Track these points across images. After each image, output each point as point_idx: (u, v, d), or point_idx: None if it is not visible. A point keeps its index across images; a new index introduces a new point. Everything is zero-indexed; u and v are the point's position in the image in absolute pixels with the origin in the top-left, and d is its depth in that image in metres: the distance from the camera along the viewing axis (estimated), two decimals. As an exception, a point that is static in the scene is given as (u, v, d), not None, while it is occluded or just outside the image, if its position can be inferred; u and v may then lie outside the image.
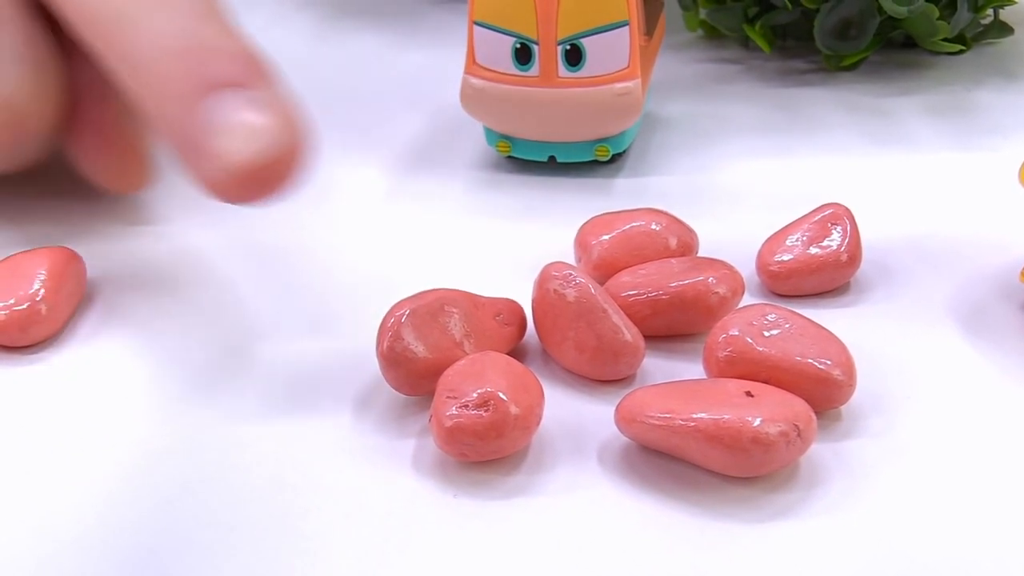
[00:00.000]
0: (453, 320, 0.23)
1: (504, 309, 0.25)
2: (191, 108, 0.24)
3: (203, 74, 0.24)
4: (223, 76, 0.24)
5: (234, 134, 0.23)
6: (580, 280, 0.24)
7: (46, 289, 0.25)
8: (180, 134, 0.24)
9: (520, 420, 0.21)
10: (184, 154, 0.24)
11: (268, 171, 0.23)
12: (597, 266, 0.26)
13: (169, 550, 0.20)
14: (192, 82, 0.24)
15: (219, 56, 0.25)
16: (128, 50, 0.26)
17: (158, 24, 0.26)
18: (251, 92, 0.24)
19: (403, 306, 0.23)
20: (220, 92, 0.24)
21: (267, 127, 0.24)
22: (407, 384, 0.23)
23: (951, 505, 0.21)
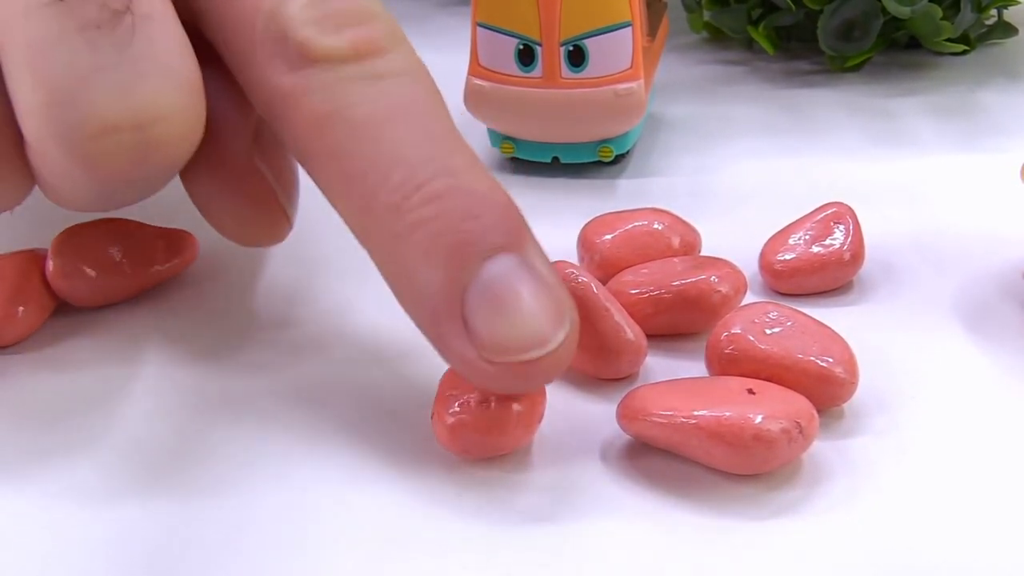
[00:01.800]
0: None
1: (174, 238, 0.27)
2: (455, 274, 0.20)
3: (469, 233, 0.20)
4: (492, 238, 0.20)
5: (512, 316, 0.20)
6: (583, 279, 0.24)
7: (23, 291, 0.26)
8: (435, 299, 0.20)
9: (522, 417, 0.21)
10: (435, 320, 0.20)
11: (539, 368, 0.20)
12: (600, 265, 0.26)
13: (173, 550, 0.20)
14: (455, 240, 0.20)
15: (487, 207, 0.20)
16: (354, 168, 0.21)
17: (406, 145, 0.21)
18: (523, 260, 0.20)
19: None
20: (491, 260, 0.20)
21: (548, 309, 0.20)
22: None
23: (954, 503, 0.21)
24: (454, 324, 0.20)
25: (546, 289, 0.20)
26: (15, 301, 0.26)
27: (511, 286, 0.20)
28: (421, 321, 0.21)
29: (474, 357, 0.20)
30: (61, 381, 0.25)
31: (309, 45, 0.22)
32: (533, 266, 0.20)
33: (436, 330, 0.21)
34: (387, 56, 0.22)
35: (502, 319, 0.20)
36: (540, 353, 0.20)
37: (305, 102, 0.22)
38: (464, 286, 0.20)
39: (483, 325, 0.20)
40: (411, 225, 0.20)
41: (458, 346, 0.20)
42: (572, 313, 0.21)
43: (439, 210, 0.20)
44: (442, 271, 0.20)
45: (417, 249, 0.20)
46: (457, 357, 0.20)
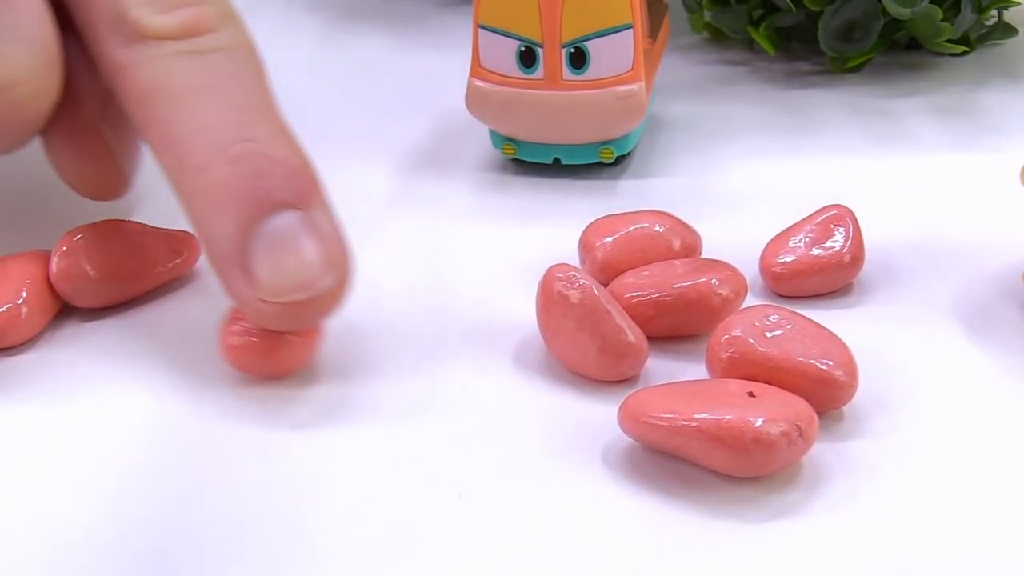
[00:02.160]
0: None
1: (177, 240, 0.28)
2: (242, 225, 0.23)
3: (260, 189, 0.23)
4: (279, 195, 0.23)
5: (283, 269, 0.22)
6: (584, 281, 0.24)
7: (28, 292, 0.26)
8: (224, 245, 0.23)
9: (296, 344, 0.24)
10: (224, 265, 0.23)
11: (308, 309, 0.23)
12: (601, 268, 0.26)
13: (175, 550, 0.20)
14: (247, 196, 0.23)
15: (276, 168, 0.23)
16: (175, 135, 0.24)
17: (213, 114, 0.24)
18: (305, 215, 0.23)
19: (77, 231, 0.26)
20: (274, 215, 0.23)
21: (320, 261, 0.23)
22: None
23: (954, 505, 0.21)
24: (237, 268, 0.23)
25: (321, 242, 0.23)
26: (19, 303, 0.26)
27: (288, 237, 0.23)
28: (214, 266, 0.24)
29: (251, 297, 0.23)
30: (65, 382, 0.25)
31: (141, 23, 0.24)
32: (313, 221, 0.23)
33: (224, 274, 0.23)
34: (213, 34, 0.25)
35: (275, 265, 0.23)
36: (305, 296, 0.23)
37: (134, 74, 0.24)
38: (248, 236, 0.23)
39: (259, 269, 0.23)
40: (211, 184, 0.23)
41: (239, 288, 0.23)
42: (342, 265, 0.23)
43: (235, 171, 0.23)
44: (231, 222, 0.23)
45: (215, 204, 0.23)
46: (238, 297, 0.23)
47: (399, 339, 0.26)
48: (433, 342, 0.26)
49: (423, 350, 0.26)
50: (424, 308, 0.27)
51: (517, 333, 0.26)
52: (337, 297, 0.23)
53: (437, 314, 0.27)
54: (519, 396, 0.24)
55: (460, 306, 0.27)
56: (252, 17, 0.27)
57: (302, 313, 0.23)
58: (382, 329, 0.26)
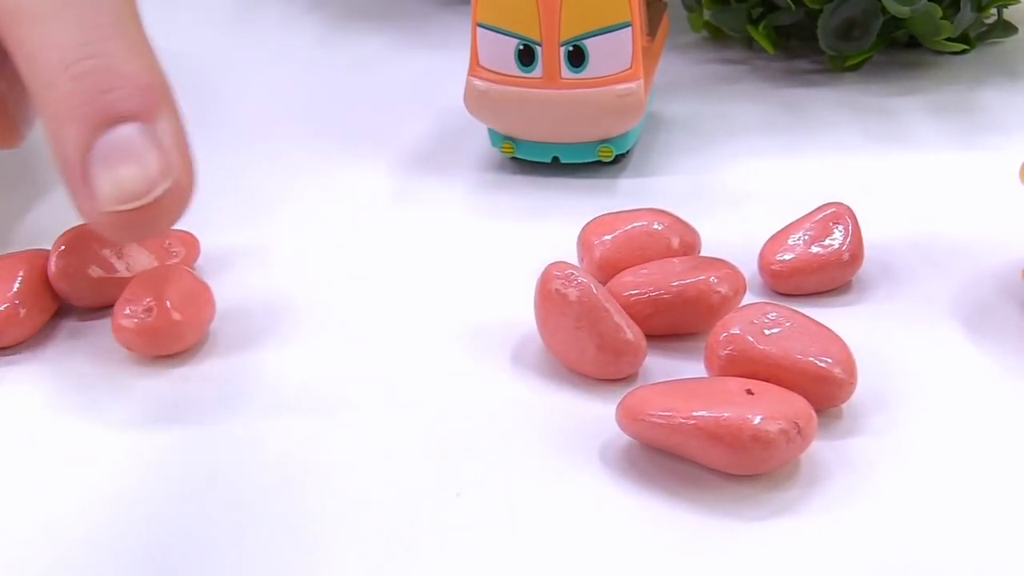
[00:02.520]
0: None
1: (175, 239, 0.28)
2: (82, 138, 0.23)
3: (100, 103, 0.23)
4: (121, 108, 0.23)
5: (119, 179, 0.23)
6: (582, 280, 0.24)
7: (26, 291, 0.26)
8: (67, 159, 0.23)
9: (181, 325, 0.25)
10: (68, 179, 0.24)
11: (146, 217, 0.23)
12: (600, 266, 0.26)
13: (173, 549, 0.20)
14: (88, 110, 0.23)
15: (120, 82, 0.24)
16: (31, 53, 0.24)
17: (63, 32, 0.24)
18: (146, 127, 0.23)
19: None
20: (114, 127, 0.23)
21: (155, 170, 0.23)
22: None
23: (952, 503, 0.21)
24: (78, 180, 0.23)
25: (157, 152, 0.23)
26: (17, 302, 0.26)
27: (125, 149, 0.23)
28: (63, 178, 0.24)
29: (91, 208, 0.23)
30: (62, 381, 0.25)
31: None
32: (153, 133, 0.23)
33: (68, 187, 0.24)
34: None
35: (109, 174, 0.23)
36: (136, 204, 0.23)
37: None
38: (88, 148, 0.23)
39: (96, 180, 0.23)
40: (56, 99, 0.24)
41: (81, 200, 0.23)
42: (179, 176, 0.23)
43: (77, 86, 0.23)
44: (73, 136, 0.23)
45: (60, 118, 0.24)
46: (81, 209, 0.24)
47: (398, 336, 0.26)
48: (432, 340, 0.26)
49: (422, 348, 0.26)
50: (423, 306, 0.27)
51: (516, 331, 0.26)
52: (175, 206, 0.23)
53: (436, 312, 0.27)
54: (517, 394, 0.24)
55: (459, 304, 0.27)
56: (252, 17, 0.27)
57: (139, 221, 0.23)
58: (381, 326, 0.26)
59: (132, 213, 0.23)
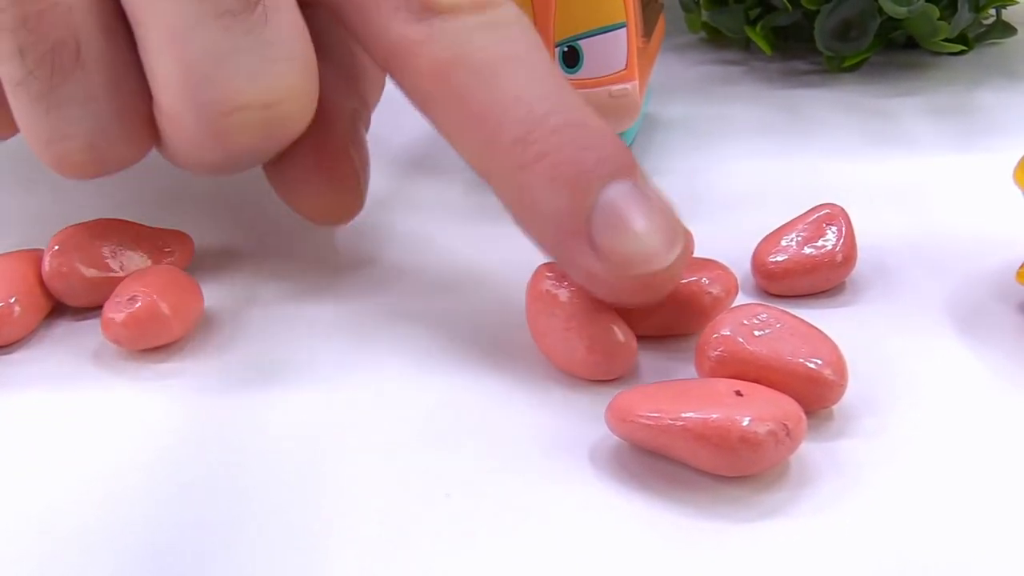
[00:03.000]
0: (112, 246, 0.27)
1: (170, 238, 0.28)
2: (579, 199, 0.22)
3: (588, 161, 0.22)
4: (608, 166, 0.22)
5: (633, 234, 0.22)
6: (573, 280, 0.24)
7: (20, 291, 0.26)
8: (563, 221, 0.22)
9: (168, 316, 0.25)
10: (564, 242, 0.23)
11: (662, 280, 0.23)
12: None
13: (169, 548, 0.20)
14: (578, 169, 0.22)
15: (597, 139, 0.23)
16: (490, 114, 0.23)
17: (526, 85, 0.23)
18: (635, 184, 0.22)
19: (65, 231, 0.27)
20: (608, 185, 0.22)
21: (662, 228, 0.22)
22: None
23: (942, 505, 0.21)
24: (581, 242, 0.22)
25: (660, 212, 0.22)
26: (12, 301, 0.26)
27: (631, 208, 0.22)
28: (547, 242, 0.23)
29: (600, 271, 0.22)
30: (57, 381, 0.25)
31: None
32: (646, 191, 0.23)
33: (563, 249, 0.23)
34: (501, 8, 0.24)
35: (625, 237, 0.22)
36: (658, 267, 0.22)
37: (429, 49, 0.24)
38: (588, 208, 0.22)
39: (608, 243, 0.22)
40: (535, 156, 0.23)
41: (585, 262, 0.22)
42: (684, 234, 0.23)
43: (560, 142, 0.23)
44: (567, 196, 0.22)
45: (542, 177, 0.23)
46: (584, 272, 0.23)
47: (391, 337, 0.26)
48: (424, 341, 0.26)
49: (415, 348, 0.26)
50: (417, 306, 0.27)
51: (509, 332, 0.26)
52: (681, 269, 0.23)
53: (429, 313, 0.27)
54: (508, 395, 0.24)
55: (453, 305, 0.27)
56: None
57: (653, 286, 0.23)
58: (373, 327, 0.26)
59: (643, 279, 0.22)
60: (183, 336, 0.25)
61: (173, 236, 0.28)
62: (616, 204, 0.22)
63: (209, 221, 0.30)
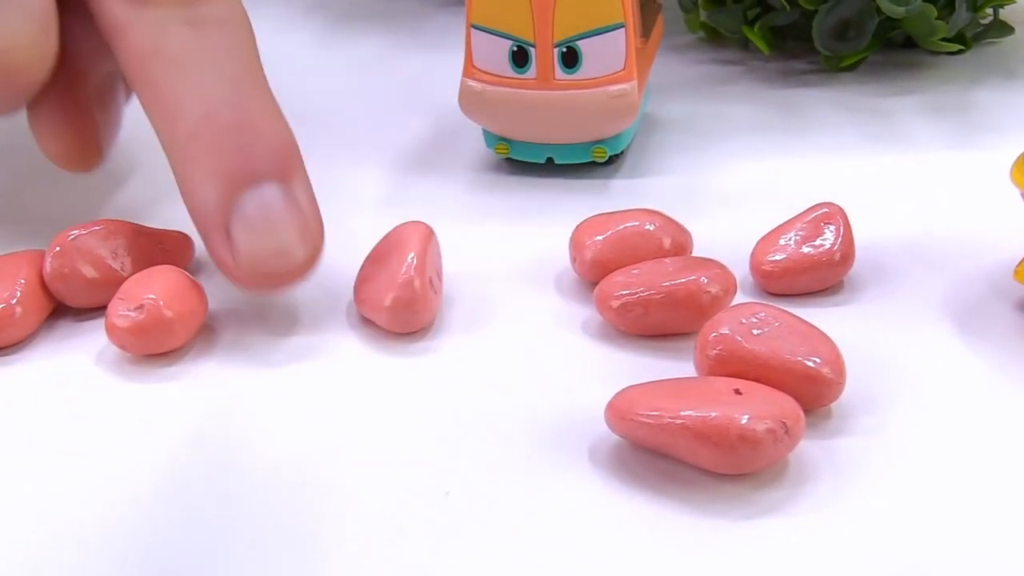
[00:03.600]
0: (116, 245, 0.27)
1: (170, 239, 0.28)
2: (227, 194, 0.24)
3: (245, 160, 0.24)
4: (263, 167, 0.24)
5: (265, 235, 0.24)
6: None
7: (22, 292, 0.26)
8: (208, 213, 0.24)
9: (173, 322, 0.25)
10: (208, 232, 0.25)
11: (284, 277, 0.25)
12: (591, 266, 0.27)
13: (165, 546, 0.21)
14: (233, 166, 0.24)
15: (263, 141, 0.25)
16: (172, 99, 0.25)
17: (208, 83, 0.25)
18: (286, 189, 0.24)
19: (70, 231, 0.27)
20: (256, 186, 0.24)
21: (296, 234, 0.24)
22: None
23: (941, 503, 0.21)
24: (220, 236, 0.24)
25: (298, 216, 0.25)
26: (14, 302, 0.26)
27: (269, 209, 0.24)
28: (197, 228, 0.25)
29: (232, 264, 0.24)
30: (58, 382, 0.25)
31: None
32: (292, 196, 0.25)
33: (207, 239, 0.25)
34: (211, 4, 0.26)
35: (256, 235, 0.24)
36: (283, 266, 0.24)
37: (132, 35, 0.25)
38: (231, 205, 0.24)
39: (241, 239, 0.24)
40: (200, 150, 0.25)
41: (221, 254, 0.25)
42: (316, 239, 0.25)
43: (223, 142, 0.24)
44: (217, 191, 0.24)
45: (202, 170, 0.25)
46: (220, 263, 0.25)
47: (387, 335, 0.26)
48: (421, 341, 0.26)
49: (411, 347, 0.26)
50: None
51: (506, 330, 0.26)
52: (308, 268, 0.25)
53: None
54: (506, 393, 0.24)
55: (451, 303, 0.27)
56: (250, 18, 0.27)
57: (275, 280, 0.25)
58: (371, 325, 0.26)
59: (269, 272, 0.24)
60: (187, 342, 0.26)
61: (173, 237, 0.28)
62: (256, 205, 0.24)
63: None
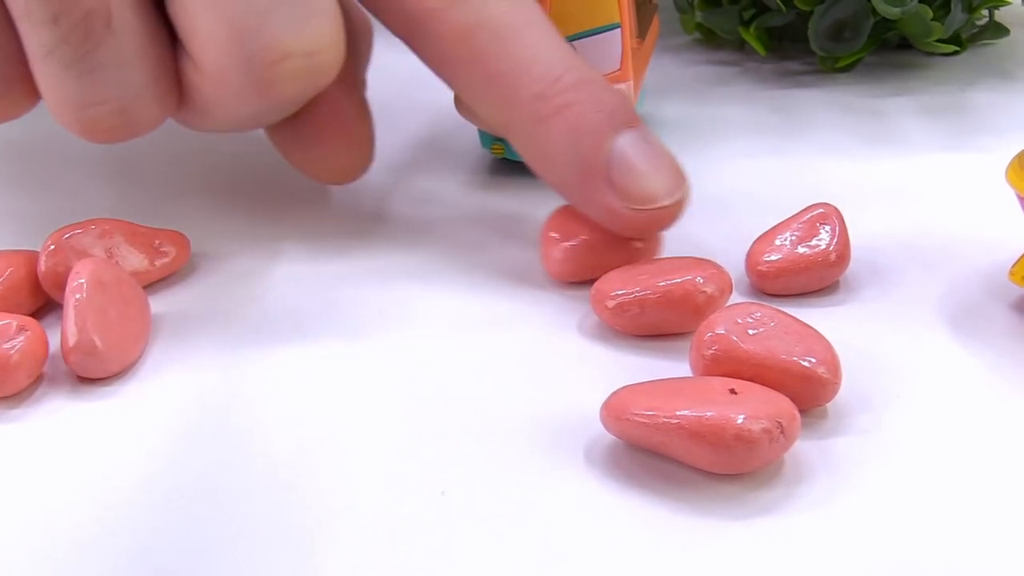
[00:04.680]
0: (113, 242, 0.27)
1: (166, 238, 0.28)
2: (602, 143, 0.25)
3: (603, 111, 0.25)
4: (620, 116, 0.25)
5: (651, 173, 0.25)
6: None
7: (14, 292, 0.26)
8: (586, 163, 0.25)
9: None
10: (587, 181, 0.25)
11: (667, 216, 0.26)
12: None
13: (161, 544, 0.21)
14: (595, 118, 0.25)
15: (608, 92, 0.26)
16: (511, 71, 0.26)
17: (541, 47, 0.26)
18: (642, 132, 0.26)
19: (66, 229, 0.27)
20: (624, 132, 0.25)
21: (674, 170, 0.26)
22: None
23: (936, 503, 0.21)
24: (601, 184, 0.25)
25: (665, 157, 0.26)
26: (7, 302, 0.26)
27: (642, 153, 0.25)
28: (569, 185, 0.26)
29: (620, 207, 0.25)
30: (53, 381, 0.25)
31: None
32: (652, 140, 0.26)
33: (585, 190, 0.26)
34: None
35: (639, 177, 0.25)
36: (669, 202, 0.26)
37: (451, 15, 0.26)
38: (607, 154, 0.25)
39: (625, 182, 0.25)
40: (554, 109, 0.26)
41: (606, 200, 0.26)
42: (685, 178, 0.26)
43: (575, 97, 0.26)
44: (587, 143, 0.25)
45: (561, 129, 0.26)
46: (605, 209, 0.26)
47: (383, 336, 0.26)
48: (419, 339, 0.26)
49: (406, 346, 0.26)
50: (412, 305, 0.27)
51: (501, 330, 0.26)
52: (685, 205, 0.26)
53: (425, 311, 0.27)
54: (502, 393, 0.24)
55: (445, 303, 0.27)
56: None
57: (664, 219, 0.26)
58: (366, 325, 0.26)
59: (660, 211, 0.25)
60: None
61: (169, 236, 0.28)
62: (628, 150, 0.25)
63: (206, 221, 0.30)
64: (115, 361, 0.25)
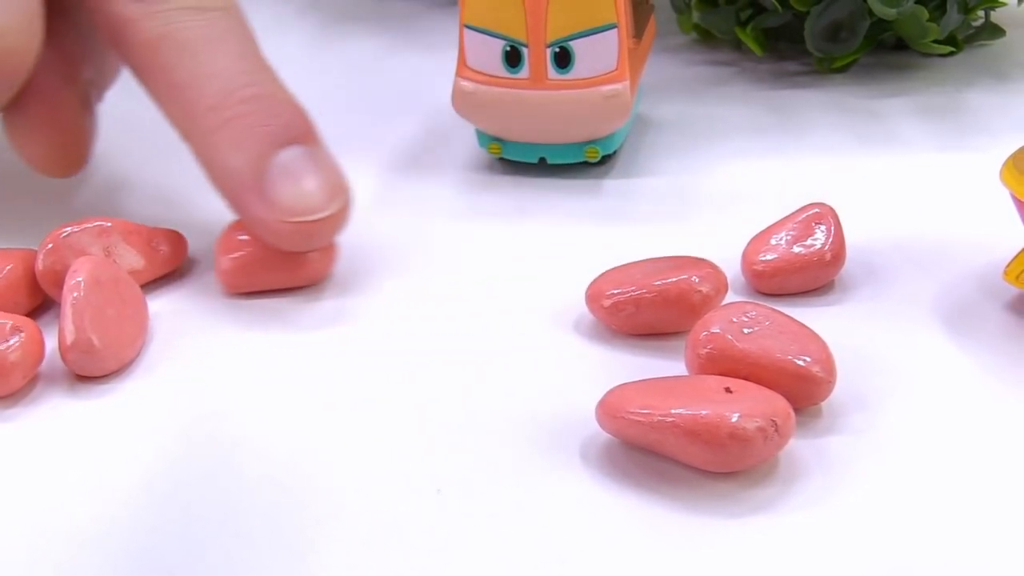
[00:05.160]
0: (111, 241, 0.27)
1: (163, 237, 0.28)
2: (260, 156, 0.26)
3: (270, 126, 0.26)
4: (289, 132, 0.26)
5: (301, 189, 0.26)
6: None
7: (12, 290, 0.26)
8: (240, 176, 0.26)
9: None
10: (241, 195, 0.26)
11: (322, 229, 0.26)
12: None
13: (159, 541, 0.21)
14: (263, 131, 0.26)
15: (282, 108, 0.26)
16: (186, 80, 0.27)
17: (223, 61, 0.27)
18: (312, 149, 0.26)
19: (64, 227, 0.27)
20: (285, 148, 0.26)
21: (328, 187, 0.26)
22: None
23: (930, 501, 0.21)
24: (254, 194, 0.26)
25: (326, 172, 0.26)
26: (5, 300, 0.26)
27: (300, 167, 0.26)
28: (228, 195, 0.27)
29: (271, 219, 0.26)
30: (51, 380, 0.25)
31: None
32: (317, 155, 0.27)
33: (241, 201, 0.26)
34: None
35: (292, 189, 0.26)
36: (319, 216, 0.26)
37: (143, 26, 0.27)
38: (265, 166, 0.26)
39: (278, 194, 0.26)
40: (223, 122, 0.26)
41: (259, 211, 0.26)
42: (346, 192, 0.27)
43: (245, 111, 0.26)
44: (248, 155, 0.26)
45: (229, 139, 0.26)
46: (257, 221, 0.26)
47: (380, 335, 0.26)
48: (414, 340, 0.26)
49: (403, 345, 0.26)
50: (406, 305, 0.27)
51: (497, 330, 0.26)
52: (342, 219, 0.27)
53: (421, 311, 0.27)
54: (498, 391, 0.24)
55: (442, 303, 0.27)
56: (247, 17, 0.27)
57: (316, 232, 0.26)
58: (364, 325, 0.26)
59: (310, 224, 0.26)
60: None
61: (166, 235, 0.28)
62: (288, 164, 0.26)
63: (203, 221, 0.30)
64: (112, 359, 0.25)
